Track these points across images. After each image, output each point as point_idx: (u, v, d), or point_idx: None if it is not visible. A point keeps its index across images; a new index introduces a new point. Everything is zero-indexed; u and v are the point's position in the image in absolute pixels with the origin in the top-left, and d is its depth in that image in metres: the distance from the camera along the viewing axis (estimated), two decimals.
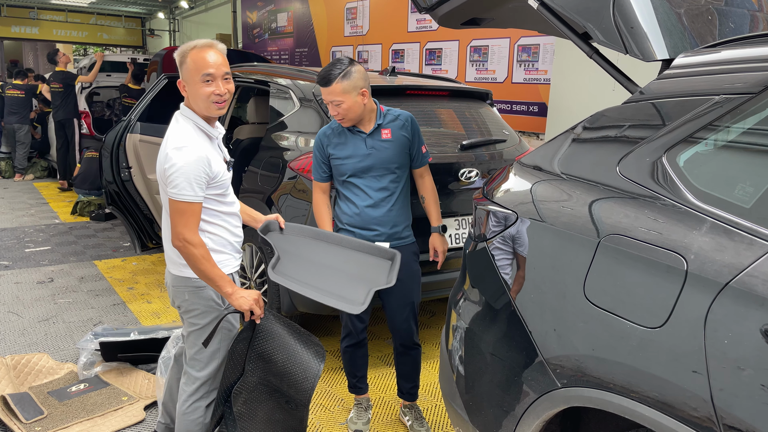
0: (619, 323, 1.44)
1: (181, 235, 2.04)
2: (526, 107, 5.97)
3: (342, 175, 2.67)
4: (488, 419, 1.86)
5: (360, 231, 2.67)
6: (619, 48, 1.81)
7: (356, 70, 2.53)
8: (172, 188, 2.01)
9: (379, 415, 3.01)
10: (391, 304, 2.73)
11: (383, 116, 2.67)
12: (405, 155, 2.69)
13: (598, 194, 1.65)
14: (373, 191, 2.65)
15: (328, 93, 2.52)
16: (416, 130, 2.71)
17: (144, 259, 5.39)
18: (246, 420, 2.28)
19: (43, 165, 9.59)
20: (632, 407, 1.40)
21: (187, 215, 2.04)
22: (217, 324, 2.19)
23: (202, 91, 2.07)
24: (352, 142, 2.64)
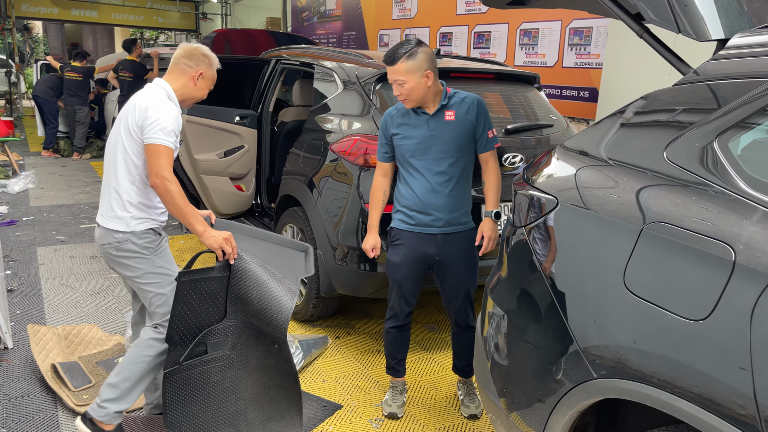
0: (659, 314, 1.38)
1: (160, 173, 2.25)
2: (576, 92, 5.81)
3: (402, 155, 2.67)
4: (521, 407, 1.82)
5: (417, 215, 2.66)
6: (671, 27, 1.72)
7: (422, 51, 2.52)
8: (153, 134, 2.26)
9: (414, 398, 3.01)
10: (447, 288, 2.74)
11: (448, 98, 2.63)
12: (468, 139, 2.63)
13: (646, 181, 1.58)
14: (431, 174, 2.62)
15: (393, 72, 2.54)
16: (482, 114, 2.64)
17: (191, 238, 5.52)
18: (238, 367, 2.43)
19: (99, 145, 9.91)
20: (670, 401, 1.35)
21: (163, 157, 2.27)
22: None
23: (206, 92, 2.56)
24: (415, 123, 2.63)
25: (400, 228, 2.71)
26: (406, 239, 2.69)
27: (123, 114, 2.39)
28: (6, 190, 7.01)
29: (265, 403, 2.49)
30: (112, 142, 2.41)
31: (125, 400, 2.36)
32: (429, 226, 2.65)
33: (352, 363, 3.33)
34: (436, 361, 3.41)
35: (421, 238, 2.67)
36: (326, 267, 3.38)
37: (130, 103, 2.39)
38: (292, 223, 3.75)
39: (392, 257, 2.74)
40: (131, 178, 2.35)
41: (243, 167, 4.55)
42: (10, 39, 14.62)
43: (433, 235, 2.66)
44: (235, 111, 4.47)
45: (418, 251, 2.68)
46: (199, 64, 2.47)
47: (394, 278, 2.75)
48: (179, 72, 2.47)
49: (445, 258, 2.68)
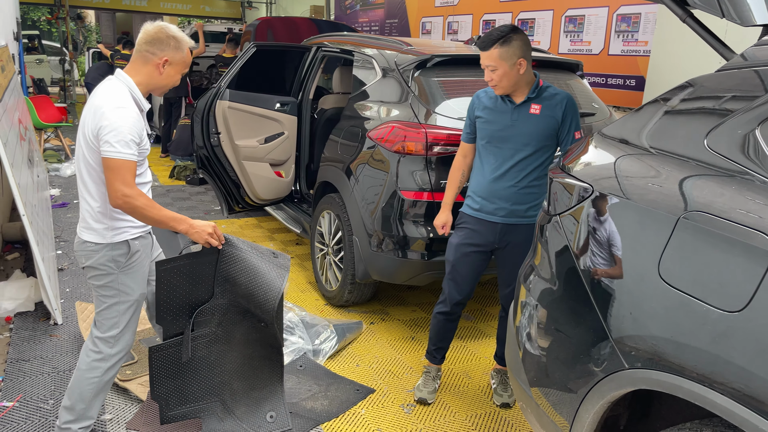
0: (694, 305, 1.35)
1: (119, 191, 2.06)
2: (622, 81, 5.66)
3: (481, 139, 2.67)
4: (552, 396, 1.81)
5: (483, 201, 2.67)
6: (715, 11, 1.66)
7: (517, 37, 2.49)
8: (109, 147, 2.04)
9: (447, 385, 3.01)
10: (502, 274, 2.76)
11: (537, 90, 2.59)
12: (549, 136, 2.58)
13: (688, 170, 1.54)
14: (504, 163, 2.61)
15: (485, 57, 2.52)
16: (571, 113, 2.58)
17: (232, 223, 5.63)
18: (223, 342, 2.44)
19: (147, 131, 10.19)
20: (703, 393, 1.32)
21: (123, 171, 2.06)
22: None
23: (177, 79, 2.28)
24: (500, 110, 2.62)
25: (465, 212, 2.74)
26: (470, 223, 2.71)
27: (83, 117, 2.17)
28: (59, 173, 7.28)
29: (249, 373, 2.52)
30: (77, 147, 2.20)
31: (86, 417, 2.33)
32: (491, 214, 2.65)
33: (385, 349, 3.36)
34: (470, 349, 3.40)
35: (483, 225, 2.68)
36: (362, 253, 3.41)
37: (89, 103, 2.17)
38: (330, 209, 3.78)
39: (453, 239, 2.77)
40: (99, 188, 2.17)
41: (283, 154, 4.61)
42: (64, 28, 15.10)
43: (494, 223, 2.65)
44: (276, 98, 4.52)
45: (478, 237, 2.69)
46: (164, 49, 2.19)
47: (449, 260, 2.77)
48: (141, 60, 2.20)
49: (505, 246, 2.68)
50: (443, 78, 3.42)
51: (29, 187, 3.95)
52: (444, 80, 3.42)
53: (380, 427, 2.66)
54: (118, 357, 2.31)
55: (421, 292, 4.14)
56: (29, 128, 5.65)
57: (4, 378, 2.88)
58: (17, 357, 3.07)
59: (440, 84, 3.40)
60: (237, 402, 2.51)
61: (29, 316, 3.50)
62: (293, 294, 4.03)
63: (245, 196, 4.69)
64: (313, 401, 2.79)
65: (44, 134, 8.33)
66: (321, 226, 3.93)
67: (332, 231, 3.80)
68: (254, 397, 2.52)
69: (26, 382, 2.86)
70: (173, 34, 2.21)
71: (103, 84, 2.19)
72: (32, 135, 5.83)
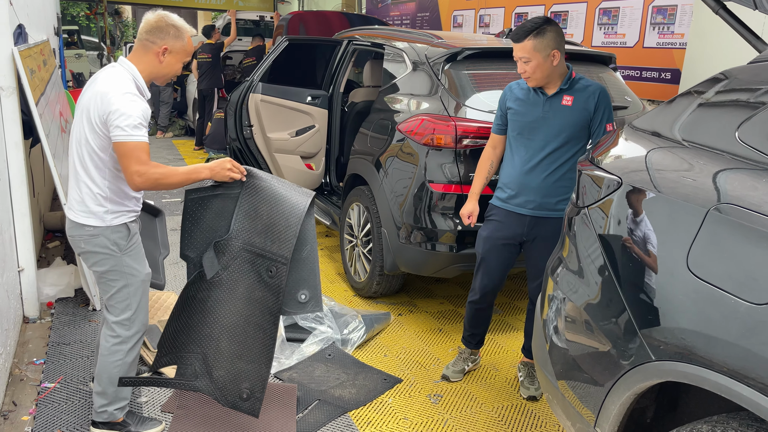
0: (721, 297, 1.35)
1: (136, 171, 2.08)
2: (657, 74, 5.56)
3: (512, 130, 2.69)
4: (578, 388, 1.82)
5: (512, 192, 2.67)
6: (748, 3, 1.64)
7: (551, 29, 2.49)
8: (120, 131, 2.06)
9: (474, 377, 3.03)
10: (530, 266, 2.76)
11: (570, 82, 2.59)
12: (581, 128, 2.57)
13: (722, 164, 1.53)
14: (535, 156, 2.61)
15: (519, 49, 2.52)
16: (603, 105, 2.56)
17: None
18: (224, 289, 2.31)
19: (181, 124, 10.37)
20: (730, 386, 1.31)
21: (137, 152, 2.07)
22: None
23: (179, 67, 2.29)
24: (532, 101, 2.62)
25: (494, 204, 2.75)
26: (498, 215, 2.72)
27: (85, 102, 2.17)
28: None
29: (240, 338, 2.33)
30: (75, 132, 2.21)
31: (119, 398, 2.40)
32: (521, 206, 2.65)
33: (413, 340, 3.39)
34: (498, 342, 3.41)
35: (511, 217, 2.68)
36: (390, 245, 3.44)
37: (92, 89, 2.17)
38: (359, 201, 3.82)
39: (482, 231, 2.79)
40: (101, 172, 2.19)
41: (313, 146, 4.67)
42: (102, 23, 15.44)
43: (523, 216, 2.66)
44: (307, 91, 4.58)
45: (506, 229, 2.70)
46: (164, 38, 2.20)
47: (479, 251, 2.80)
48: (143, 49, 2.23)
49: (534, 239, 2.68)
50: (473, 71, 3.42)
51: None
52: (474, 73, 3.42)
53: (407, 416, 2.69)
54: (136, 338, 2.37)
55: (449, 285, 4.16)
56: (69, 121, 5.82)
57: (45, 360, 3.00)
58: (58, 341, 3.19)
59: (470, 77, 3.40)
60: (218, 364, 2.34)
61: (69, 302, 3.63)
62: (323, 285, 4.09)
63: None
64: (341, 389, 2.84)
65: None
66: (350, 218, 3.97)
67: (361, 223, 3.84)
68: (237, 368, 2.34)
69: (67, 364, 2.97)
70: (173, 23, 2.22)
71: (106, 70, 2.21)
72: None
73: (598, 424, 1.71)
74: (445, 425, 2.64)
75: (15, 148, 3.20)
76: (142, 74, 2.22)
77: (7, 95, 3.13)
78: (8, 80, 3.12)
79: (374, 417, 2.67)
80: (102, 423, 2.42)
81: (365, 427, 2.60)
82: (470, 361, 3.02)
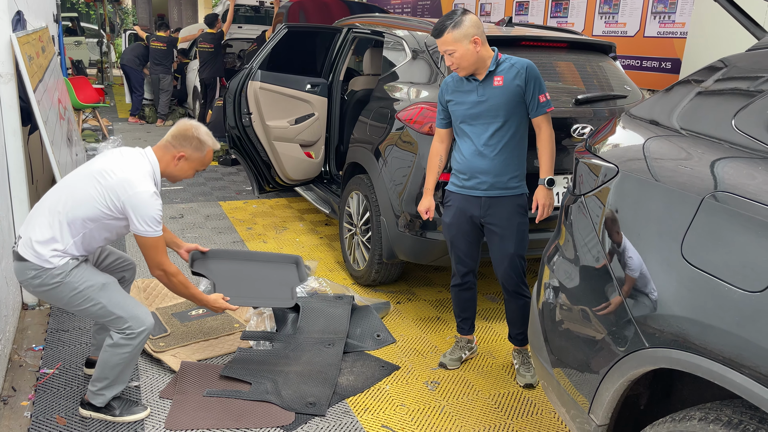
0: (716, 285, 1.35)
1: (160, 266, 2.37)
2: (657, 63, 5.54)
3: (456, 120, 2.77)
4: (573, 375, 1.83)
5: (465, 177, 2.75)
6: None
7: (468, 18, 2.59)
8: (145, 227, 2.27)
9: (471, 365, 3.04)
10: (494, 252, 2.82)
11: (497, 63, 2.67)
12: (517, 104, 2.66)
13: (715, 151, 1.53)
14: (479, 138, 2.70)
15: (441, 43, 2.61)
16: (532, 78, 2.65)
17: (263, 203, 5.73)
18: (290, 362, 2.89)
19: (181, 112, 10.34)
20: (723, 373, 1.32)
21: (158, 247, 2.33)
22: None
23: (191, 174, 2.51)
24: (466, 89, 2.71)
25: (450, 190, 2.84)
26: (455, 201, 2.81)
27: (101, 169, 2.29)
28: (96, 152, 7.47)
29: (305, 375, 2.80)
30: (81, 181, 2.30)
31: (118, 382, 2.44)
32: (474, 189, 2.74)
33: (411, 328, 3.41)
34: (494, 330, 3.42)
35: (467, 200, 2.76)
36: (389, 234, 3.44)
37: (115, 165, 2.29)
38: (358, 190, 3.82)
39: (444, 218, 2.88)
40: (74, 234, 2.28)
41: (313, 135, 4.66)
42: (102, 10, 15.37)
43: (477, 197, 2.74)
44: (306, 79, 4.56)
45: (465, 212, 2.79)
46: (184, 146, 2.40)
47: (447, 237, 2.90)
48: (164, 148, 2.43)
49: (491, 221, 2.75)
50: None
51: (68, 164, 4.08)
52: None
53: (404, 403, 2.71)
54: (144, 335, 2.40)
55: (447, 274, 4.17)
56: (68, 108, 5.81)
57: (44, 347, 3.01)
58: (57, 327, 3.20)
59: None
60: (286, 386, 2.72)
61: None
62: (321, 273, 4.10)
63: (276, 176, 4.76)
64: (340, 376, 2.85)
65: (82, 114, 8.55)
66: (349, 207, 3.98)
67: (360, 211, 3.84)
68: (302, 389, 2.71)
69: (65, 351, 2.99)
70: (197, 135, 2.42)
71: (133, 155, 2.35)
72: (71, 115, 5.99)
73: (592, 410, 1.72)
74: (442, 412, 2.66)
75: (13, 135, 3.19)
76: (162, 172, 2.43)
77: (5, 82, 3.12)
78: (6, 67, 3.12)
79: (372, 404, 2.69)
80: (89, 404, 2.46)
81: (363, 414, 2.61)
82: (467, 350, 3.04)
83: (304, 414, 2.57)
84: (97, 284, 2.34)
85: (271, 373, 2.79)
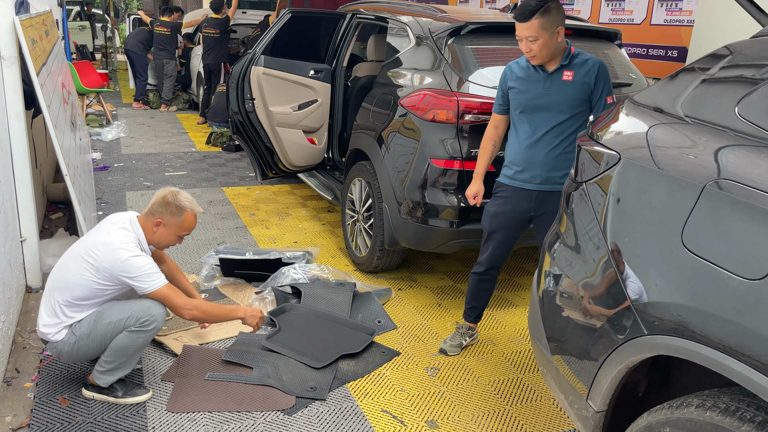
0: (716, 273, 1.35)
1: (185, 306, 2.43)
2: (663, 51, 5.49)
3: (515, 109, 2.70)
4: (572, 362, 1.84)
5: (517, 169, 2.70)
6: None
7: (555, 6, 2.49)
8: (144, 283, 2.35)
9: (471, 352, 3.05)
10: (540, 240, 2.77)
11: (570, 58, 2.60)
12: (582, 101, 2.60)
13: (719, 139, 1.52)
14: (538, 131, 2.64)
15: (526, 29, 2.50)
16: (603, 78, 2.60)
17: (266, 189, 5.73)
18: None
19: (185, 98, 10.32)
20: (722, 360, 1.32)
21: (172, 293, 2.40)
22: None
23: (173, 239, 2.54)
24: (533, 79, 2.63)
25: (501, 181, 2.79)
26: (506, 192, 2.76)
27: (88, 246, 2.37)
28: (100, 137, 7.48)
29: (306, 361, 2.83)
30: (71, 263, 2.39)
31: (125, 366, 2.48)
32: (527, 182, 2.69)
33: (412, 314, 3.42)
34: (496, 318, 3.43)
35: (519, 193, 2.72)
36: (391, 220, 3.44)
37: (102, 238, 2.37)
38: (361, 177, 3.82)
39: (489, 207, 2.83)
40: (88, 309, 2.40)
41: (316, 121, 4.65)
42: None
43: (529, 191, 2.69)
44: (310, 65, 4.54)
45: (514, 205, 2.73)
46: (162, 211, 2.44)
47: (485, 227, 2.84)
48: (146, 216, 2.49)
49: (542, 214, 2.72)
50: (477, 46, 3.39)
51: (72, 149, 4.09)
52: (478, 48, 3.39)
53: (404, 388, 2.72)
54: (158, 322, 2.43)
55: (450, 261, 4.17)
56: (72, 93, 5.80)
57: None
58: None
59: (474, 52, 3.37)
60: (287, 370, 2.74)
61: None
62: (323, 259, 4.11)
63: (279, 162, 4.75)
64: (340, 361, 2.87)
65: (86, 99, 8.54)
66: (352, 193, 3.97)
67: (363, 198, 3.84)
68: (303, 374, 2.73)
69: None
70: (175, 201, 2.45)
71: (119, 228, 2.40)
72: (75, 99, 5.99)
73: (590, 396, 1.73)
74: (442, 397, 2.68)
75: (16, 118, 3.20)
76: (148, 241, 2.49)
77: (8, 65, 3.12)
78: (9, 50, 3.11)
79: (372, 389, 2.71)
80: (93, 386, 2.49)
81: (363, 399, 2.63)
82: (468, 336, 3.05)
83: (304, 398, 2.59)
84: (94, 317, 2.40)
85: (273, 358, 2.80)
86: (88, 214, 3.69)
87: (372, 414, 2.54)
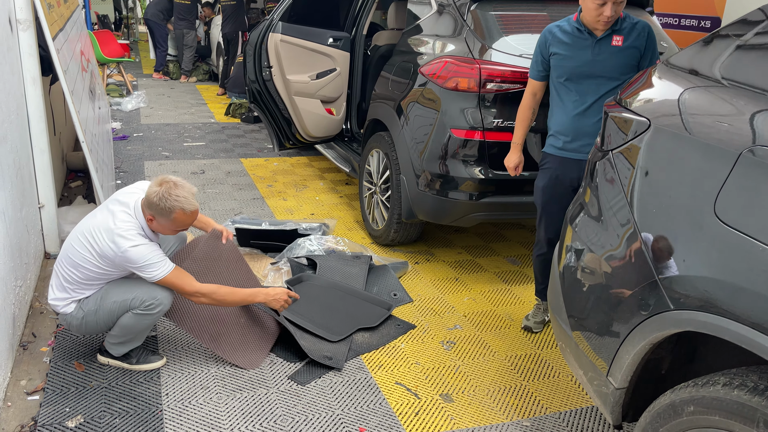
0: (750, 245, 1.27)
1: (196, 293, 2.35)
2: (696, 21, 5.29)
3: (560, 76, 2.59)
4: (592, 338, 1.77)
5: (566, 140, 2.61)
6: None
7: None
8: (149, 273, 2.28)
9: (489, 326, 3.01)
10: None
11: (619, 21, 2.50)
12: (632, 66, 2.52)
13: (760, 103, 1.42)
14: (587, 99, 2.54)
15: None
16: (651, 42, 2.51)
17: (284, 161, 5.69)
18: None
19: (205, 69, 10.28)
20: (752, 337, 1.25)
21: (180, 279, 2.33)
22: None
23: (170, 232, 2.40)
24: (579, 44, 2.53)
25: (548, 152, 2.69)
26: (553, 163, 2.67)
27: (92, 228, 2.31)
28: (120, 107, 7.49)
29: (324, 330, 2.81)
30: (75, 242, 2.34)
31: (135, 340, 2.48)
32: (577, 151, 2.59)
33: (429, 288, 3.37)
34: (514, 293, 3.37)
35: (568, 163, 2.62)
36: (409, 193, 3.38)
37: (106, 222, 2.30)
38: (378, 148, 3.75)
39: (537, 182, 2.74)
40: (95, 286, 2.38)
41: (334, 91, 4.57)
42: None
43: (580, 161, 2.58)
44: (329, 33, 4.45)
45: (563, 176, 2.64)
46: (151, 210, 2.32)
47: (538, 202, 2.76)
48: (143, 206, 2.38)
49: None
50: (501, 12, 3.27)
51: (90, 117, 4.07)
52: (502, 14, 3.27)
53: (419, 361, 2.69)
54: (162, 306, 2.38)
55: (468, 235, 4.10)
56: (92, 61, 5.78)
57: None
58: None
59: (498, 18, 3.25)
60: (304, 338, 2.71)
61: None
62: (340, 232, 4.06)
63: (296, 132, 4.69)
64: (355, 333, 2.84)
65: (107, 69, 8.54)
66: (369, 165, 3.91)
67: (380, 170, 3.77)
68: (320, 345, 2.70)
69: None
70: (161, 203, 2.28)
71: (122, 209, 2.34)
72: (95, 68, 5.97)
73: (610, 373, 1.67)
74: (457, 371, 2.64)
75: (33, 84, 3.17)
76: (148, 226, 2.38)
77: (23, 28, 3.08)
78: (24, 13, 3.07)
79: (386, 361, 2.68)
80: (107, 352, 2.50)
81: (377, 370, 2.60)
82: (547, 311, 2.99)
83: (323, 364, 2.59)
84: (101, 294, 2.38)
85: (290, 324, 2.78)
86: (106, 182, 3.69)
87: (386, 386, 2.51)
